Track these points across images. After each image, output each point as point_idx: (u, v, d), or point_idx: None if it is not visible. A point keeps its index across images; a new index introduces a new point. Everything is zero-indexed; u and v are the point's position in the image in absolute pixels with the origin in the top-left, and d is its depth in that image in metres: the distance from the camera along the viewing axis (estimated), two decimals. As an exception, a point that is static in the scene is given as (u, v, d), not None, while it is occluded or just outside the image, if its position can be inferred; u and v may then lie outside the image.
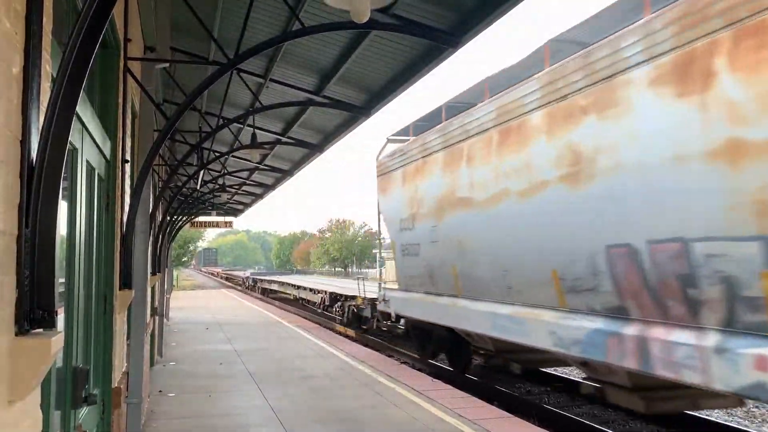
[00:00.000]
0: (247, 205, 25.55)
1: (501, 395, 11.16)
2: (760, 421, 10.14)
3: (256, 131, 9.26)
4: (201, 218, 26.76)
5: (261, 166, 14.99)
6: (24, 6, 1.88)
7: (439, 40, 6.04)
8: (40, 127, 1.86)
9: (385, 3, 3.83)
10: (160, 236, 11.98)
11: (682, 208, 6.09)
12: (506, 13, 5.35)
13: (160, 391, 9.73)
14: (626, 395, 8.17)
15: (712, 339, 5.94)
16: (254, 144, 8.69)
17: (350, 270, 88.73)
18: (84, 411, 3.50)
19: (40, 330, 1.84)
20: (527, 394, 11.59)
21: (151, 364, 11.25)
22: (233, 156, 12.27)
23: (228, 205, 23.18)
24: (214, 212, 25.28)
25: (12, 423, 1.75)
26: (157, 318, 12.16)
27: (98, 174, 4.07)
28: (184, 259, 59.37)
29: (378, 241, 19.31)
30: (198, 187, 14.00)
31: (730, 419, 10.10)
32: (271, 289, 39.56)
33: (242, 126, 10.86)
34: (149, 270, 7.26)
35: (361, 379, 10.72)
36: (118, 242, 4.84)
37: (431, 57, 6.70)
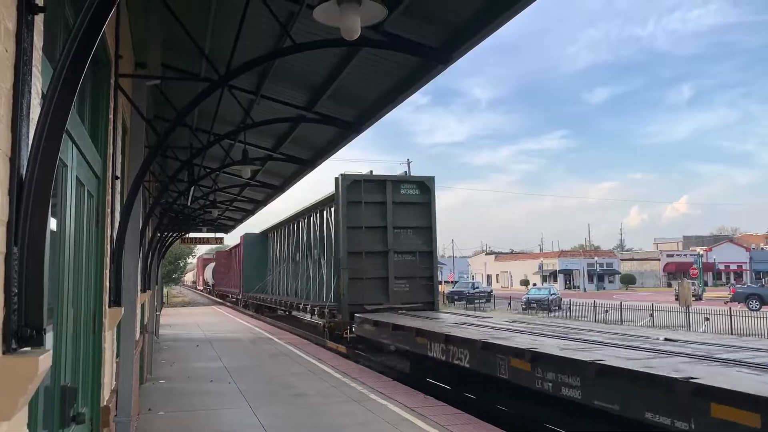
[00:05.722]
0: (237, 221, 25.48)
1: (494, 412, 11.11)
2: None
3: (248, 147, 9.26)
4: (191, 234, 26.65)
5: (252, 182, 14.97)
6: (15, 24, 1.88)
7: (429, 57, 6.09)
8: (30, 144, 1.86)
9: (376, 20, 3.86)
10: (150, 253, 11.91)
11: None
12: (495, 31, 5.41)
13: (150, 410, 9.62)
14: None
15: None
16: (245, 160, 8.68)
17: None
18: (72, 430, 3.46)
19: (28, 348, 1.82)
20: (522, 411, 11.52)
21: (141, 382, 11.14)
22: (224, 172, 12.25)
23: (219, 221, 23.10)
24: (205, 228, 25.19)
25: (-2, 443, 1.72)
26: (146, 335, 12.06)
27: (88, 190, 4.06)
28: (174, 275, 58.33)
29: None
30: (188, 204, 13.94)
31: None
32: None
33: (233, 142, 10.86)
34: (139, 287, 7.22)
35: (353, 396, 10.64)
36: (107, 259, 4.81)
37: (421, 73, 6.74)
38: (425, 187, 18.83)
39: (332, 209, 20.25)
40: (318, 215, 22.80)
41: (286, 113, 9.22)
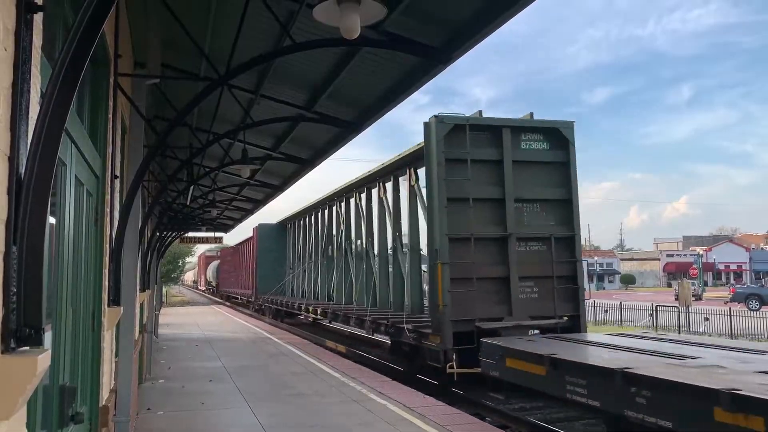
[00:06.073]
0: (237, 221, 25.47)
1: (494, 412, 11.10)
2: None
3: (247, 147, 9.25)
4: (190, 234, 26.65)
5: (251, 182, 14.97)
6: (14, 22, 1.88)
7: (429, 57, 6.09)
8: (29, 143, 1.85)
9: (375, 20, 3.86)
10: (149, 252, 11.91)
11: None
12: (495, 30, 5.41)
13: (149, 409, 9.61)
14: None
15: None
16: (245, 160, 8.68)
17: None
18: (71, 430, 3.45)
19: (27, 348, 1.82)
20: (519, 410, 11.54)
21: (140, 381, 11.13)
22: (223, 171, 12.26)
23: (218, 220, 23.11)
24: (204, 228, 25.19)
25: (-3, 443, 1.72)
26: (145, 335, 12.05)
27: (87, 190, 4.05)
28: (174, 275, 57.79)
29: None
30: (188, 203, 13.94)
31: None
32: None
33: (233, 141, 10.86)
34: (138, 286, 7.22)
35: (352, 396, 10.64)
36: (107, 258, 4.81)
37: (421, 73, 6.74)
38: (560, 137, 12.19)
39: (386, 184, 15.99)
40: (363, 195, 18.04)
41: (286, 113, 9.21)
